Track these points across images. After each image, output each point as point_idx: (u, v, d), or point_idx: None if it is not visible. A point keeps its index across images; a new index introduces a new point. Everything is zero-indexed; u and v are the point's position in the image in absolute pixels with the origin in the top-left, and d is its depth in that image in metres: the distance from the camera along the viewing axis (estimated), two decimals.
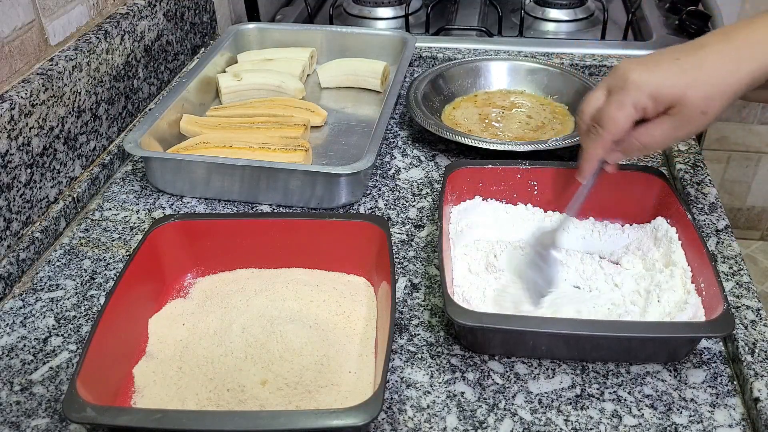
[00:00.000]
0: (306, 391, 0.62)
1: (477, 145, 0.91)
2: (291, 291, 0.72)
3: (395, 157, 0.96)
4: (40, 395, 0.65)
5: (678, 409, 0.62)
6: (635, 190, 0.79)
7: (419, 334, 0.70)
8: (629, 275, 0.73)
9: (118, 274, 0.73)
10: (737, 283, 0.73)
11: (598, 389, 0.64)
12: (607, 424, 0.61)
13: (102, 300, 0.75)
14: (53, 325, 0.72)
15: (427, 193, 0.89)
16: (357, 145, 0.98)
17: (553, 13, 1.35)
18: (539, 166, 0.81)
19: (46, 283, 0.77)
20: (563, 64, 1.13)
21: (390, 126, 1.03)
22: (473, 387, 0.64)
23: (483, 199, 0.82)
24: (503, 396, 0.63)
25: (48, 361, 0.68)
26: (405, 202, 0.88)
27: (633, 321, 0.67)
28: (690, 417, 0.61)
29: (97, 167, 0.92)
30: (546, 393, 0.64)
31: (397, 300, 0.74)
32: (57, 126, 0.85)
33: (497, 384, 0.65)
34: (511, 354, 0.67)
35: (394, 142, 1.00)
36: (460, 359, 0.67)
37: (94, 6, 0.97)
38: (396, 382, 0.65)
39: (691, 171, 0.90)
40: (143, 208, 0.88)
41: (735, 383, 0.64)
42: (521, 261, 0.74)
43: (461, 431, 0.61)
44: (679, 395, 0.63)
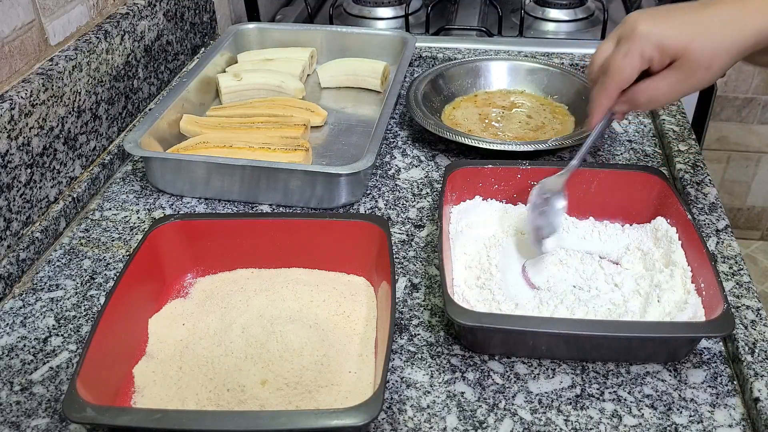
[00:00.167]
0: (306, 391, 0.62)
1: (477, 145, 0.91)
2: (291, 291, 0.72)
3: (395, 157, 0.96)
4: (40, 395, 0.65)
5: (678, 409, 0.62)
6: (635, 190, 0.79)
7: (419, 334, 0.70)
8: (629, 275, 0.73)
9: (118, 274, 0.73)
10: (737, 283, 0.73)
11: (598, 389, 0.64)
12: (607, 424, 0.61)
13: (102, 300, 0.75)
14: (53, 325, 0.72)
15: (427, 193, 0.89)
16: (357, 145, 0.98)
17: (553, 13, 1.35)
18: (539, 166, 0.81)
19: (46, 283, 0.77)
20: (563, 64, 1.13)
21: (390, 126, 1.03)
22: (473, 387, 0.64)
23: (483, 199, 0.82)
24: (503, 396, 0.63)
25: (48, 361, 0.68)
26: (405, 202, 0.88)
27: (633, 321, 0.67)
28: (690, 417, 0.61)
29: (97, 167, 0.92)
30: (546, 393, 0.64)
31: (397, 300, 0.74)
32: (57, 126, 0.85)
33: (497, 384, 0.65)
34: (511, 354, 0.67)
35: (394, 142, 1.00)
36: (460, 359, 0.67)
37: (94, 6, 0.97)
38: (396, 382, 0.65)
39: (691, 171, 0.90)
40: (143, 208, 0.88)
41: (735, 383, 0.64)
42: (526, 209, 0.76)
43: (461, 431, 0.61)
44: (679, 395, 0.63)
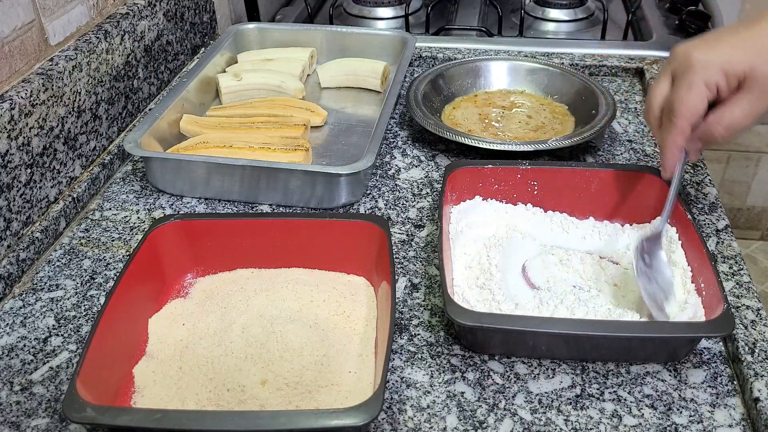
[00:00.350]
0: (306, 391, 0.62)
1: (477, 145, 0.91)
2: (291, 291, 0.72)
3: (395, 157, 0.96)
4: (40, 395, 0.65)
5: (678, 409, 0.62)
6: (635, 190, 0.79)
7: (419, 334, 0.70)
8: (629, 275, 0.73)
9: (118, 274, 0.73)
10: (737, 283, 0.73)
11: (598, 389, 0.64)
12: (607, 424, 0.61)
13: (102, 300, 0.75)
14: (53, 325, 0.72)
15: (427, 193, 0.89)
16: (357, 145, 0.98)
17: (553, 13, 1.35)
18: (539, 166, 0.81)
19: (46, 283, 0.77)
20: (563, 64, 1.13)
21: (390, 126, 1.03)
22: (473, 387, 0.64)
23: (483, 199, 0.82)
24: (503, 396, 0.63)
25: (48, 361, 0.68)
26: (405, 202, 0.88)
27: (633, 321, 0.67)
28: (690, 417, 0.61)
29: (97, 167, 0.92)
30: (546, 393, 0.64)
31: (397, 300, 0.74)
32: (57, 126, 0.85)
33: (497, 384, 0.65)
34: (511, 354, 0.67)
35: (394, 142, 1.00)
36: (460, 359, 0.67)
37: (94, 6, 0.97)
38: (396, 382, 0.65)
39: (691, 171, 0.90)
40: (143, 208, 0.88)
41: (735, 383, 0.64)
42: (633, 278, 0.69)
43: (461, 431, 0.61)
44: (679, 395, 0.63)
